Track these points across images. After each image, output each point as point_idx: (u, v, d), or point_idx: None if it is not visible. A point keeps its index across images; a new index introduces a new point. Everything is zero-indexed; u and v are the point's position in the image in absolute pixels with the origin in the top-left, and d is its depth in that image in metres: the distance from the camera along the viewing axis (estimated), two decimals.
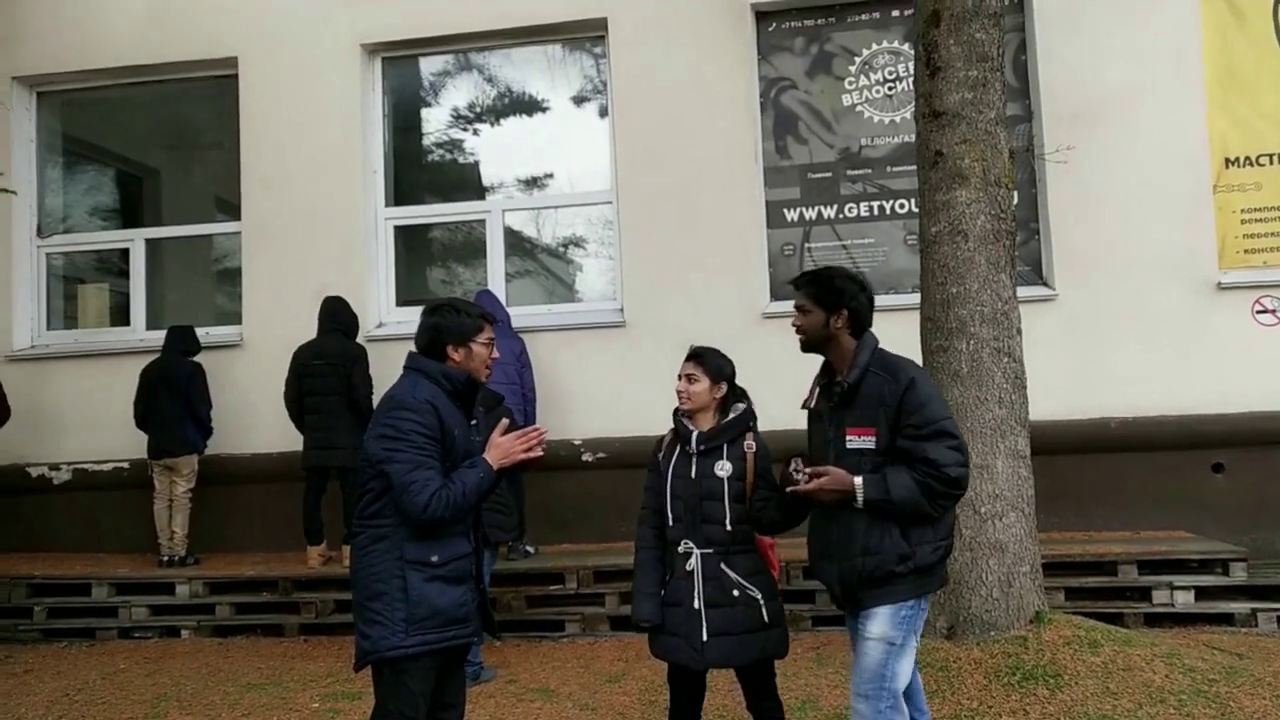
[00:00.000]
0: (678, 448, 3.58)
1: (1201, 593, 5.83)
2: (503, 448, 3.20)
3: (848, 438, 3.22)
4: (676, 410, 3.62)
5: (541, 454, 3.26)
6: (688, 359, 3.62)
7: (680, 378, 3.60)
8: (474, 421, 3.34)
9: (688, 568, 3.45)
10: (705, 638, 3.39)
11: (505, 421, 3.34)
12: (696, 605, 3.41)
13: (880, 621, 3.18)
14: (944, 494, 3.10)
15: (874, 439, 3.17)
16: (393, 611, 3.05)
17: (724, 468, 3.47)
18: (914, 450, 3.10)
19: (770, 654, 3.50)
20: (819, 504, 3.26)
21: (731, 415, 3.56)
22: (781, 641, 3.51)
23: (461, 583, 3.17)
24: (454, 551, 3.15)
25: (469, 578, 3.22)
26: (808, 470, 3.20)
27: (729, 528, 3.43)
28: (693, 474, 3.50)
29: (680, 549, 3.48)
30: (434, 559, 3.09)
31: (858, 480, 3.12)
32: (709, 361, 3.58)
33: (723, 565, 3.43)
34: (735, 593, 3.41)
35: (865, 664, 3.21)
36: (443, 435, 3.11)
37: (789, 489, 3.22)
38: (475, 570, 3.27)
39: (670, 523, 3.52)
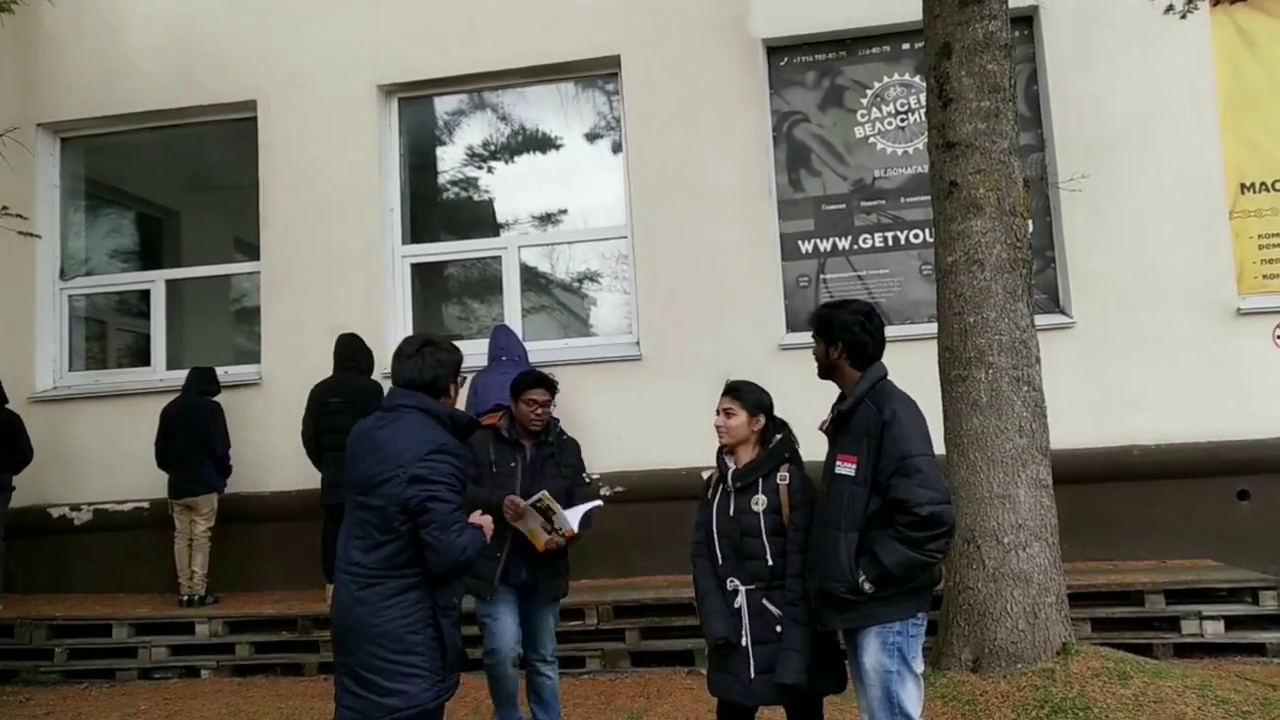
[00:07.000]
0: (719, 485, 3.57)
1: (1231, 622, 5.74)
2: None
3: (836, 463, 3.33)
4: (720, 448, 3.60)
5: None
6: (724, 394, 3.61)
7: (718, 413, 3.58)
8: None
9: (735, 605, 3.43)
10: (753, 674, 3.36)
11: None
12: (744, 642, 3.39)
13: (869, 652, 3.28)
14: (927, 537, 3.11)
15: (854, 467, 3.25)
16: (431, 661, 3.05)
17: (759, 502, 3.44)
18: (889, 490, 3.17)
19: (819, 690, 3.45)
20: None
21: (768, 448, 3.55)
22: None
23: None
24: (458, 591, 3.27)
25: None
26: None
27: (770, 562, 3.39)
28: (731, 511, 3.48)
29: (729, 586, 3.46)
30: (455, 601, 3.17)
31: (860, 581, 3.17)
32: (746, 395, 3.57)
33: (764, 601, 3.40)
34: (778, 628, 3.37)
35: (872, 695, 3.30)
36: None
37: None
38: None
39: (720, 561, 3.49)
